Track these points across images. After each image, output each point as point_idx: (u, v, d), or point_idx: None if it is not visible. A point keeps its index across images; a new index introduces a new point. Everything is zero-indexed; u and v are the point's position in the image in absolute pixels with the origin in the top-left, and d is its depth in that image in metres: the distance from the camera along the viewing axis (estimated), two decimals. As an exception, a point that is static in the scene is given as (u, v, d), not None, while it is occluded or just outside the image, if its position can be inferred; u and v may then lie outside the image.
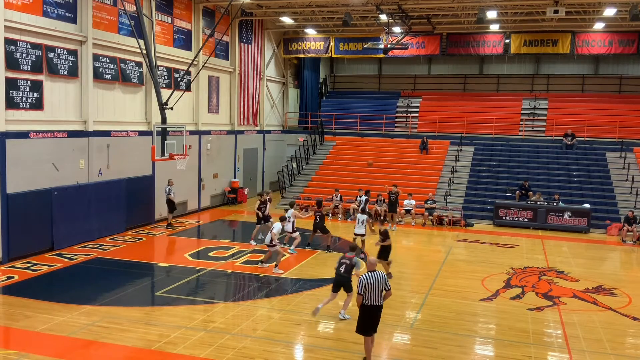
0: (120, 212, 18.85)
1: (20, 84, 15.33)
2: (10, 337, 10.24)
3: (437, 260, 16.72)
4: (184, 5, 22.49)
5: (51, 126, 16.38)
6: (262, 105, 29.38)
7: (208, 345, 9.83)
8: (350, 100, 33.98)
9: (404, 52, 28.21)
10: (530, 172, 25.49)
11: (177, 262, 15.72)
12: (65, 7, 16.69)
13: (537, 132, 29.55)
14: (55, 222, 16.33)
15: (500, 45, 28.15)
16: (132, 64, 19.61)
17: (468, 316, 11.83)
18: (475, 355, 10.03)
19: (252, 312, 11.73)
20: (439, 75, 34.39)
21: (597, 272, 16.09)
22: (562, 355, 10.03)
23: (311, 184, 26.68)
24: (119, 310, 11.60)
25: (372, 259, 9.73)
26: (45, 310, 11.40)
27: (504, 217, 22.50)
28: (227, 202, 26.08)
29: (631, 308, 12.64)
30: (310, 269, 15.26)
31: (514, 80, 32.99)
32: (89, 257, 15.75)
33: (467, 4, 22.78)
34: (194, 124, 23.56)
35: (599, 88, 31.74)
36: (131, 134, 19.62)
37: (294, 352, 9.94)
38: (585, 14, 23.96)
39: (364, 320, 9.21)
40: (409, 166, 27.00)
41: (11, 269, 14.42)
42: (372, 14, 25.12)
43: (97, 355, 9.53)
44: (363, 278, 9.07)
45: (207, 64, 22.78)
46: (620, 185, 23.95)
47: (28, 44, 15.50)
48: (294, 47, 31.05)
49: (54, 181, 16.38)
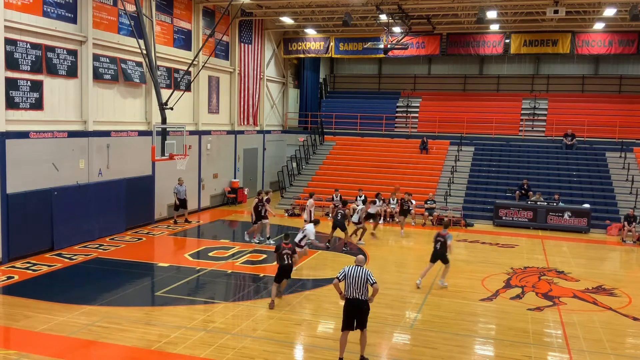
0: (120, 212, 18.85)
1: (20, 84, 15.33)
2: (10, 337, 10.23)
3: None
4: (184, 5, 22.48)
5: (51, 126, 16.38)
6: (262, 105, 29.38)
7: (208, 345, 9.83)
8: (350, 100, 33.98)
9: (404, 52, 28.20)
10: (530, 172, 25.49)
11: (177, 262, 15.72)
12: (65, 7, 16.69)
13: (537, 132, 29.54)
14: (55, 222, 16.32)
15: (500, 45, 28.15)
16: (132, 64, 19.61)
17: (468, 316, 11.83)
18: (475, 355, 10.03)
19: (252, 312, 11.73)
20: (439, 75, 34.38)
21: (597, 272, 16.09)
22: (562, 355, 10.03)
23: (311, 184, 26.66)
24: (119, 310, 11.60)
25: (360, 257, 9.82)
26: (45, 310, 11.40)
27: (504, 217, 22.50)
28: (227, 202, 26.08)
29: (631, 308, 12.64)
30: (310, 269, 15.25)
31: (514, 80, 32.98)
32: (89, 257, 15.75)
33: (467, 4, 22.77)
34: (194, 124, 23.56)
35: (599, 88, 31.74)
36: (131, 134, 19.62)
37: (294, 352, 9.94)
38: (585, 14, 23.96)
39: (344, 313, 9.37)
40: (409, 166, 26.99)
41: (11, 269, 14.42)
42: (372, 14, 25.11)
43: (97, 355, 9.53)
44: (346, 268, 9.34)
45: (207, 64, 22.77)
46: (620, 185, 23.95)
47: (28, 44, 15.50)
48: (294, 47, 31.05)
49: (54, 181, 16.37)
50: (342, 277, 9.24)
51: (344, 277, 9.22)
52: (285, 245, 12.09)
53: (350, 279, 9.15)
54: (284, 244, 12.11)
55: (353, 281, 9.13)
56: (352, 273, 9.17)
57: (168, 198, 21.48)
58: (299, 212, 23.77)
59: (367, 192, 23.75)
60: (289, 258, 12.04)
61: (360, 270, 9.20)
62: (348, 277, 9.17)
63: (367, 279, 9.13)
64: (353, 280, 9.13)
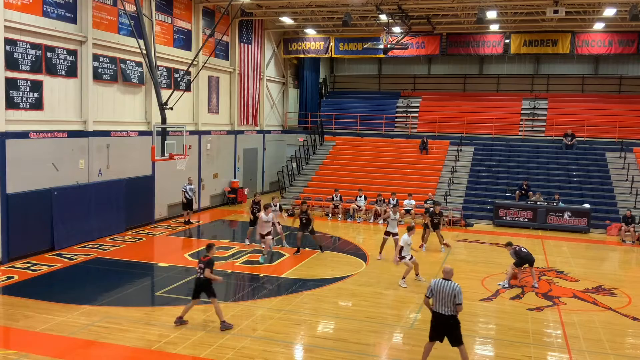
0: (120, 212, 18.85)
1: (20, 84, 15.33)
2: (10, 337, 10.23)
3: (437, 260, 16.71)
4: (184, 5, 22.48)
5: (51, 126, 16.38)
6: (262, 105, 29.38)
7: (208, 345, 9.83)
8: (350, 100, 33.98)
9: (404, 52, 28.20)
10: (530, 172, 25.49)
11: (177, 262, 15.72)
12: (65, 7, 16.69)
13: (537, 132, 29.55)
14: (55, 222, 16.32)
15: (500, 45, 28.16)
16: (132, 64, 19.61)
17: (468, 316, 11.80)
18: (475, 355, 10.02)
19: (252, 312, 11.73)
20: (438, 75, 34.39)
21: (597, 272, 16.09)
22: (562, 355, 10.03)
23: (311, 184, 26.68)
24: (119, 310, 11.60)
25: (447, 267, 9.17)
26: (45, 310, 11.40)
27: (503, 217, 22.50)
28: (227, 202, 26.08)
29: (631, 308, 12.64)
30: (310, 269, 15.25)
31: (514, 80, 32.99)
32: (88, 257, 15.75)
33: (467, 4, 22.78)
34: (194, 124, 23.56)
35: (598, 88, 31.75)
36: (131, 134, 19.62)
37: (294, 352, 9.93)
38: (585, 14, 23.97)
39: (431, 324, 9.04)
40: (409, 166, 26.99)
41: (11, 269, 14.42)
42: (372, 14, 25.11)
43: (97, 355, 9.53)
44: (433, 283, 8.89)
45: (207, 64, 22.78)
46: (620, 185, 23.95)
47: (28, 44, 15.50)
48: (293, 47, 31.05)
49: (54, 181, 16.37)
50: (430, 293, 8.84)
51: (431, 292, 8.82)
52: (203, 258, 10.68)
53: (438, 294, 8.74)
54: (202, 257, 10.77)
55: (440, 297, 8.73)
56: (441, 288, 8.74)
57: (168, 198, 21.49)
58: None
59: (366, 192, 23.82)
60: (201, 272, 10.57)
61: (449, 286, 8.75)
62: (436, 292, 8.77)
63: (455, 297, 8.67)
64: (440, 296, 8.73)
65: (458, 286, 8.78)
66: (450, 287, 8.72)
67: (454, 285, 8.77)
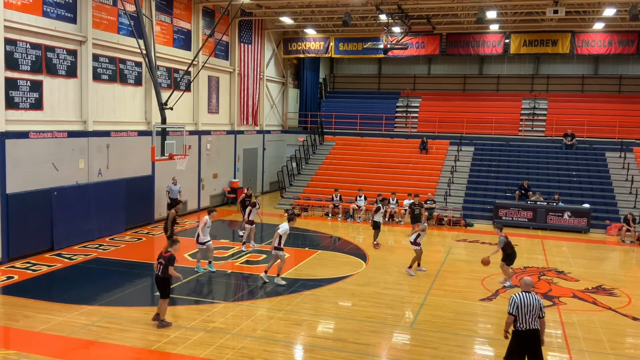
0: (120, 212, 18.85)
1: (20, 84, 15.33)
2: (10, 337, 10.23)
3: (437, 260, 16.71)
4: (184, 5, 22.48)
5: (51, 126, 16.38)
6: (261, 105, 29.38)
7: (208, 345, 9.83)
8: (350, 100, 33.98)
9: (404, 52, 28.21)
10: (530, 172, 25.50)
11: (177, 262, 15.64)
12: (65, 7, 16.69)
13: (536, 132, 29.55)
14: (55, 222, 16.32)
15: (500, 45, 28.16)
16: (132, 64, 19.61)
17: (468, 316, 11.83)
18: (475, 355, 10.03)
19: (252, 312, 11.73)
20: (438, 75, 34.40)
21: (596, 272, 16.09)
22: (562, 355, 10.03)
23: (311, 184, 26.68)
24: (119, 310, 11.60)
25: (527, 278, 8.59)
26: (45, 310, 11.40)
27: (503, 217, 22.48)
28: (226, 202, 26.07)
29: (631, 308, 12.64)
30: (310, 269, 15.25)
31: (514, 80, 33.00)
32: (88, 257, 15.75)
33: (467, 4, 22.78)
34: (194, 124, 23.56)
35: (598, 88, 31.76)
36: (131, 134, 19.62)
37: (294, 352, 9.93)
38: (585, 14, 23.97)
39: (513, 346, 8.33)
40: (409, 166, 27.00)
41: (11, 269, 14.42)
42: (372, 14, 25.11)
43: (97, 355, 9.53)
44: (516, 297, 8.21)
45: (207, 64, 22.77)
46: (620, 185, 23.95)
47: (28, 44, 15.50)
48: (293, 47, 31.05)
49: (54, 181, 16.37)
50: (516, 311, 8.10)
51: (517, 308, 8.11)
52: (164, 253, 10.54)
53: (525, 308, 8.09)
54: (163, 252, 10.60)
55: (528, 310, 8.08)
56: (526, 302, 8.11)
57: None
58: (299, 212, 23.80)
59: (366, 192, 23.81)
60: (160, 268, 10.49)
61: (533, 298, 8.20)
62: (522, 306, 8.09)
63: (540, 309, 8.15)
64: (528, 310, 8.08)
65: (539, 297, 8.39)
66: (535, 299, 8.20)
67: (537, 296, 8.29)
